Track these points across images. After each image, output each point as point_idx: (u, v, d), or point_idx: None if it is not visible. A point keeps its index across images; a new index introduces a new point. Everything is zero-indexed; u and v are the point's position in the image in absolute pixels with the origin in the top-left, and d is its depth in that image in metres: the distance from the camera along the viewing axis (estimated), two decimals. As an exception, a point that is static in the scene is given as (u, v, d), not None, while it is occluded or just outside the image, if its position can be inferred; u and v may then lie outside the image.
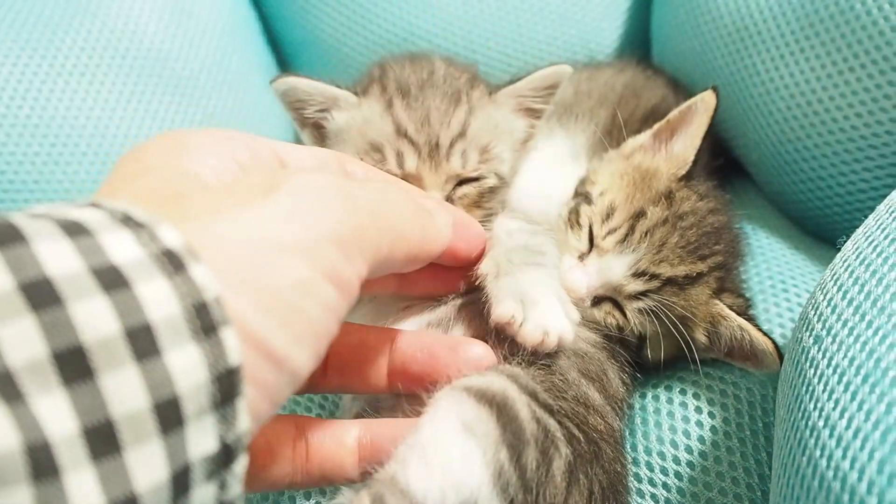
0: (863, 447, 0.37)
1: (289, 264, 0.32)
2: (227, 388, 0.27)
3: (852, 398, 0.40)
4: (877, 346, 0.41)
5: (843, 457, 0.38)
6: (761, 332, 0.60)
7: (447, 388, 0.47)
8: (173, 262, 0.27)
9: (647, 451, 0.62)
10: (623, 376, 0.61)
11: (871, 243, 0.49)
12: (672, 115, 0.71)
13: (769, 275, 0.74)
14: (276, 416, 0.46)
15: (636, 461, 0.61)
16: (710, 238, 0.65)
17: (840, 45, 0.73)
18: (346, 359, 0.49)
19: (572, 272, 0.64)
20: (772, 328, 0.68)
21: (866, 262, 0.48)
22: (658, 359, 0.64)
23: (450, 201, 0.67)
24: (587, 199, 0.68)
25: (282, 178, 0.35)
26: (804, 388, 0.45)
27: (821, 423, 0.41)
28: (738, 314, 0.62)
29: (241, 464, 0.29)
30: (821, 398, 0.42)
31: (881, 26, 0.69)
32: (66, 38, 0.89)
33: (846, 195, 0.77)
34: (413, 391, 0.49)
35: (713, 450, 0.60)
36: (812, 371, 0.45)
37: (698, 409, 0.63)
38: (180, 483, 0.26)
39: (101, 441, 0.24)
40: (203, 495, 0.28)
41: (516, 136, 0.73)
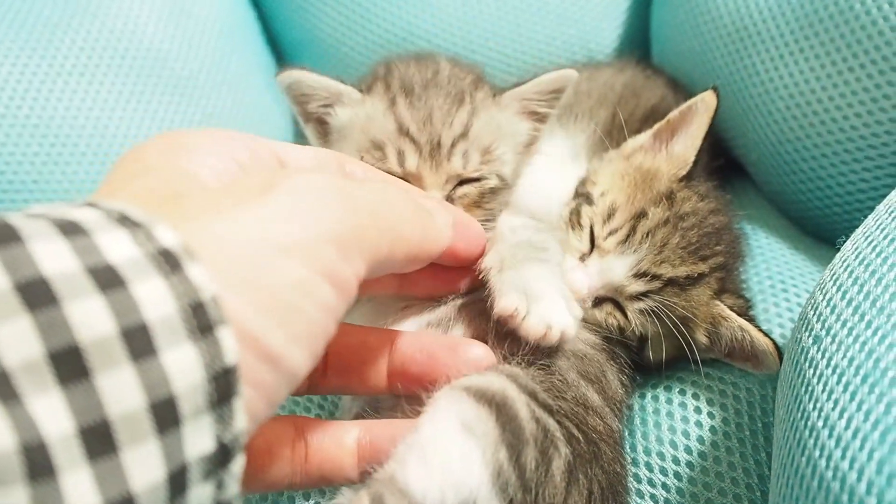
0: (862, 447, 0.37)
1: (288, 264, 0.32)
2: (223, 387, 0.27)
3: (851, 398, 0.40)
4: (876, 346, 0.41)
5: (843, 457, 0.37)
6: (762, 333, 0.60)
7: (446, 387, 0.47)
8: (170, 262, 0.27)
9: (647, 451, 0.62)
10: (622, 378, 0.61)
11: (870, 243, 0.49)
12: (672, 115, 0.71)
13: (769, 275, 0.74)
14: (275, 417, 0.46)
15: (636, 461, 0.61)
16: (711, 239, 0.65)
17: (840, 45, 0.73)
18: (346, 360, 0.49)
19: (573, 273, 0.63)
20: (771, 328, 0.68)
21: (865, 263, 0.48)
22: (659, 359, 0.64)
23: (450, 201, 0.66)
24: (588, 200, 0.68)
25: (281, 177, 0.35)
26: (803, 389, 0.45)
27: (820, 423, 0.41)
28: (738, 315, 0.62)
29: (238, 463, 0.29)
30: (820, 398, 0.42)
31: (881, 26, 0.69)
32: (66, 38, 0.89)
33: (846, 195, 0.77)
34: (413, 392, 0.49)
35: (713, 450, 0.60)
36: (811, 371, 0.45)
37: (698, 409, 0.63)
38: (177, 483, 0.26)
39: (98, 441, 0.24)
40: (200, 495, 0.28)
41: (519, 139, 0.72)
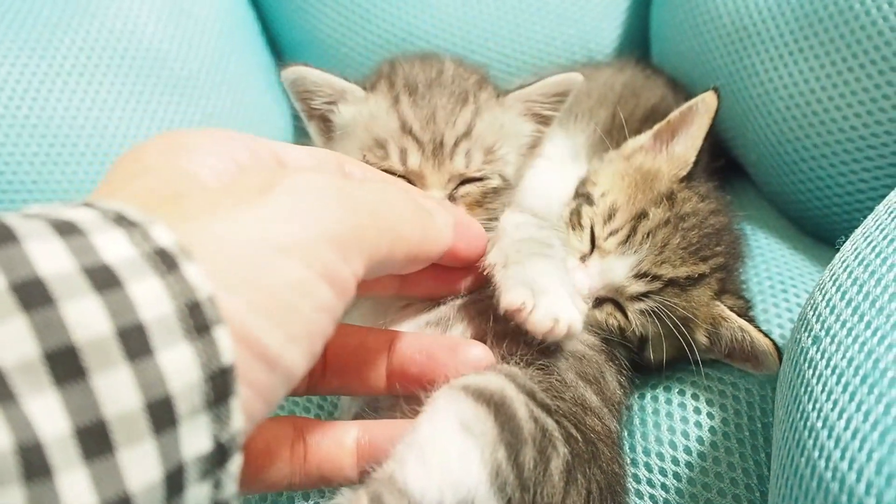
0: (861, 448, 0.36)
1: (287, 264, 0.32)
2: (220, 387, 0.27)
3: (850, 399, 0.39)
4: (875, 346, 0.41)
5: (842, 457, 0.37)
6: (762, 334, 0.60)
7: (445, 387, 0.47)
8: (166, 262, 0.27)
9: (646, 451, 0.62)
10: (620, 379, 0.61)
11: (869, 244, 0.49)
12: (673, 115, 0.71)
13: (768, 275, 0.74)
14: (274, 418, 0.46)
15: (635, 461, 0.61)
16: (711, 239, 0.65)
17: (839, 45, 0.73)
18: (346, 360, 0.49)
19: (574, 273, 0.63)
20: (771, 329, 0.68)
21: (865, 263, 0.48)
22: (659, 360, 0.64)
23: (452, 200, 0.66)
24: (588, 200, 0.68)
25: (281, 177, 0.35)
26: (803, 389, 0.45)
27: (819, 423, 0.41)
28: (738, 315, 0.62)
29: (235, 463, 0.29)
30: (819, 399, 0.42)
31: (881, 26, 0.69)
32: (65, 39, 0.89)
33: (845, 195, 0.77)
34: (412, 392, 0.49)
35: (712, 450, 0.60)
36: (810, 372, 0.45)
37: (697, 409, 0.63)
38: (174, 483, 0.26)
39: (94, 441, 0.24)
40: (198, 495, 0.28)
41: (523, 140, 0.72)
